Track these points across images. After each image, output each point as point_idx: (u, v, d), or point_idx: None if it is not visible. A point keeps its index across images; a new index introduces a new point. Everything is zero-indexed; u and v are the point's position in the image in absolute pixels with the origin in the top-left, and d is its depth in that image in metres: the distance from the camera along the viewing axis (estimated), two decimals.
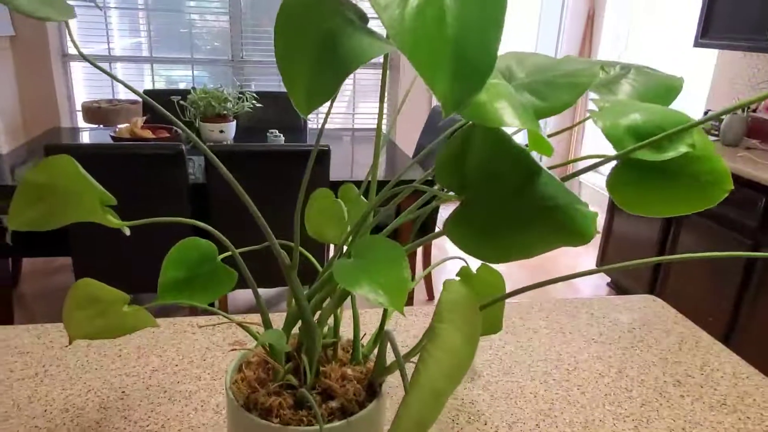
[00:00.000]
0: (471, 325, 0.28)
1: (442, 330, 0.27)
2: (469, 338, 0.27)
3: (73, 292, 0.51)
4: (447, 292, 0.29)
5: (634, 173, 0.37)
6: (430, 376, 0.26)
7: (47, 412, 0.61)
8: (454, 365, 0.26)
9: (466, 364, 0.27)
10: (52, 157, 0.42)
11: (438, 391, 0.26)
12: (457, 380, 0.26)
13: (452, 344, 0.27)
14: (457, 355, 0.27)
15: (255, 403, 0.45)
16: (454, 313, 0.28)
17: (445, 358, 0.26)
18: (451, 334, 0.27)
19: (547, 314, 0.89)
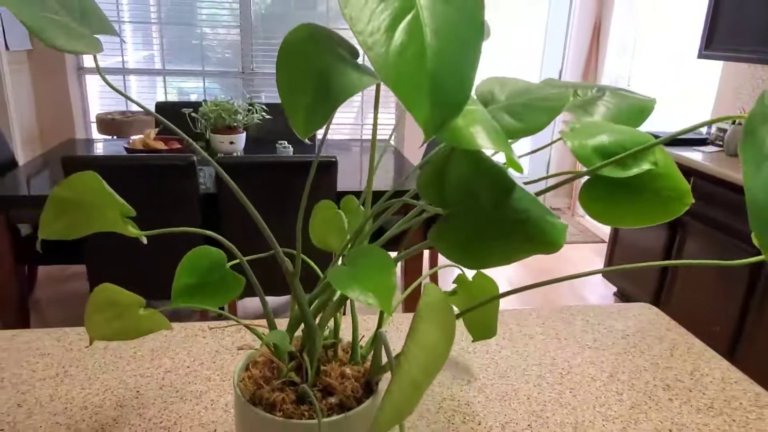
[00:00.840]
0: (446, 324, 0.32)
1: (420, 329, 0.31)
2: (444, 336, 0.31)
3: (93, 297, 0.55)
4: (425, 296, 0.32)
5: (603, 188, 0.41)
6: (409, 369, 0.29)
7: (67, 410, 0.65)
8: (430, 360, 0.30)
9: (441, 358, 0.31)
10: (78, 174, 0.46)
11: (416, 383, 0.29)
12: (434, 373, 0.30)
13: (429, 341, 0.30)
14: (433, 351, 0.30)
15: (260, 398, 0.49)
16: (431, 314, 0.31)
17: (422, 354, 0.30)
18: (429, 332, 0.31)
19: (543, 321, 0.92)
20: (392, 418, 0.29)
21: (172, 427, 0.63)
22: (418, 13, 0.33)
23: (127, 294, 0.55)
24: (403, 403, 0.29)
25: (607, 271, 0.41)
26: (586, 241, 3.89)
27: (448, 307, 0.32)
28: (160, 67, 3.62)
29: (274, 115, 2.76)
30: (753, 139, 0.28)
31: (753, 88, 2.78)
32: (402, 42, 0.32)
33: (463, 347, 0.83)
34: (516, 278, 3.29)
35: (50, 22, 0.36)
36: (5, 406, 0.66)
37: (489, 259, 0.38)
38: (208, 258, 0.58)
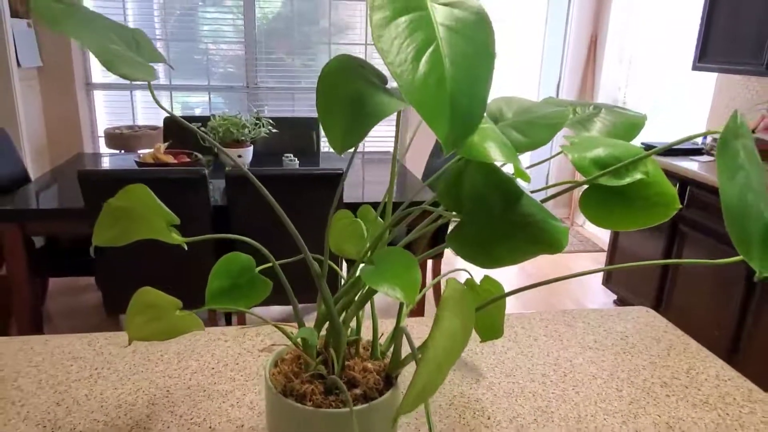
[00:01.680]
0: (466, 314, 0.36)
1: (444, 317, 0.35)
2: (464, 324, 0.36)
3: (134, 300, 0.60)
4: (449, 289, 0.37)
5: (600, 196, 0.46)
6: (435, 353, 0.34)
7: (103, 408, 0.70)
8: (452, 344, 0.35)
9: (462, 344, 0.35)
10: (130, 186, 0.51)
11: (440, 365, 0.34)
12: (455, 357, 0.35)
13: (452, 328, 0.35)
14: (455, 336, 0.35)
15: (291, 390, 0.54)
16: (453, 305, 0.36)
17: (446, 339, 0.34)
18: (451, 320, 0.35)
19: (546, 324, 0.97)
20: (420, 395, 0.34)
21: (201, 423, 0.68)
22: (438, 45, 0.39)
23: (165, 296, 0.60)
24: (429, 383, 0.34)
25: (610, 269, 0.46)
26: (586, 250, 3.94)
27: (468, 298, 0.37)
28: (166, 82, 3.69)
29: (280, 129, 2.82)
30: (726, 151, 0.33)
31: (746, 99, 2.84)
32: (426, 71, 0.37)
33: (472, 349, 0.88)
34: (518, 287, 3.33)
35: (116, 54, 0.41)
36: (45, 405, 0.70)
37: (499, 259, 0.42)
38: (238, 263, 0.63)
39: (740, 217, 0.33)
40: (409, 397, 0.34)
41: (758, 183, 0.34)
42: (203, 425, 0.67)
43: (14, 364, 0.78)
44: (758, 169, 0.35)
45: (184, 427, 0.67)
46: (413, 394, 0.34)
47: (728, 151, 0.34)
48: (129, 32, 0.49)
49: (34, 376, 0.76)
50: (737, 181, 0.33)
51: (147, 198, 0.51)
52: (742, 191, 0.33)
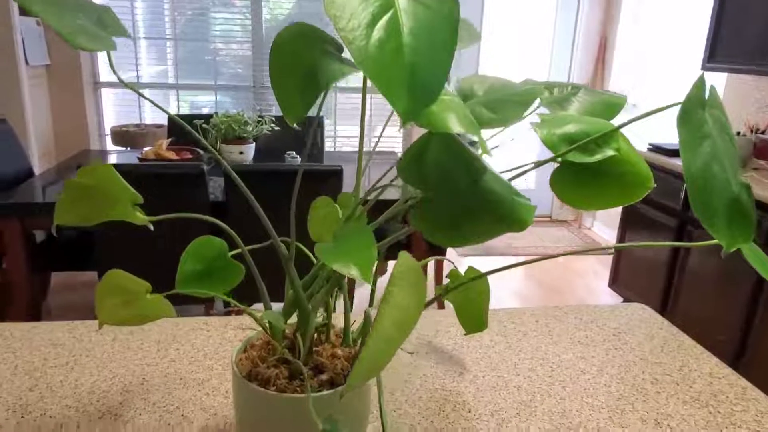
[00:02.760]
0: (417, 287, 0.35)
1: (394, 291, 0.34)
2: (415, 297, 0.34)
3: (102, 282, 0.59)
4: (398, 264, 0.35)
5: (571, 174, 0.44)
6: (384, 326, 0.32)
7: (76, 394, 0.69)
8: (403, 318, 0.33)
9: (413, 317, 0.34)
10: (94, 165, 0.50)
11: (390, 339, 0.32)
12: (406, 330, 0.33)
13: (401, 302, 0.33)
14: (405, 310, 0.33)
15: (256, 375, 0.52)
16: (403, 279, 0.34)
17: (395, 313, 0.33)
18: (400, 294, 0.34)
19: (537, 319, 0.95)
20: (368, 369, 0.32)
21: (174, 411, 0.67)
22: (396, 13, 0.37)
23: (135, 280, 0.59)
24: (378, 357, 0.32)
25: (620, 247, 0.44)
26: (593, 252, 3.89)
27: (419, 272, 0.36)
28: (173, 81, 3.71)
29: (282, 127, 2.82)
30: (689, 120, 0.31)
31: (756, 99, 2.80)
32: (380, 38, 0.36)
33: (457, 342, 0.86)
34: (525, 290, 3.30)
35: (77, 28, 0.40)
36: (18, 390, 0.69)
37: (465, 238, 0.41)
38: (211, 247, 0.62)
39: (704, 189, 0.31)
40: (356, 372, 0.33)
41: (727, 154, 0.33)
42: (176, 413, 0.66)
43: None
44: (729, 140, 0.34)
45: (156, 414, 0.66)
46: (361, 369, 0.33)
47: (691, 120, 0.32)
48: (96, 10, 0.48)
49: (11, 361, 0.75)
50: (702, 151, 0.32)
51: (111, 177, 0.50)
52: (707, 162, 0.31)
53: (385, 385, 0.74)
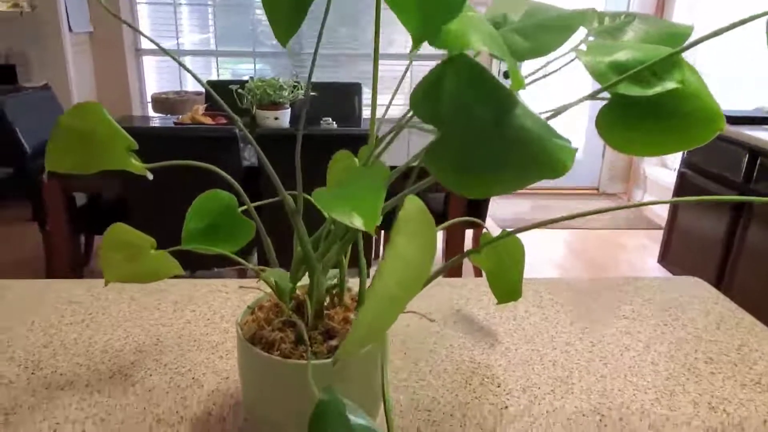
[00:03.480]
0: (425, 236, 0.29)
1: (397, 241, 0.28)
2: (422, 248, 0.28)
3: (106, 237, 0.56)
4: (404, 209, 0.30)
5: (622, 112, 0.36)
6: (385, 283, 0.27)
7: (89, 352, 0.67)
8: (408, 273, 0.27)
9: (420, 272, 0.28)
10: (83, 103, 0.46)
11: (392, 297, 0.27)
12: (412, 288, 0.27)
13: (406, 254, 0.28)
14: (411, 263, 0.28)
15: (260, 338, 0.48)
16: (409, 226, 0.29)
17: (399, 266, 0.27)
18: (406, 244, 0.28)
19: (577, 291, 0.88)
20: (367, 333, 0.27)
21: (186, 373, 0.64)
22: None
23: (139, 234, 0.56)
24: (378, 318, 0.27)
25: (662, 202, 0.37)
26: (642, 227, 3.72)
27: (427, 219, 0.30)
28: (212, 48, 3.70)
29: (320, 93, 2.77)
30: None
31: None
32: None
33: (489, 312, 0.80)
34: (566, 263, 3.19)
35: None
36: (33, 346, 0.68)
37: (488, 185, 0.34)
38: (219, 201, 0.58)
39: None
40: (353, 336, 0.28)
41: None
42: (187, 375, 0.63)
43: (12, 305, 0.77)
44: None
45: (167, 375, 0.63)
46: (358, 334, 0.27)
47: None
48: None
49: (28, 318, 0.74)
50: None
51: (102, 119, 0.46)
52: None
53: (408, 355, 0.69)
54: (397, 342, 0.72)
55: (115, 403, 0.59)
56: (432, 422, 0.57)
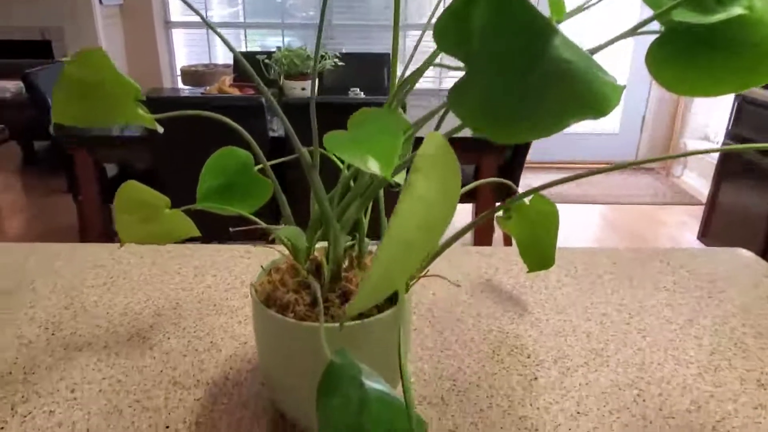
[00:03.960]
0: (446, 175, 0.25)
1: (415, 180, 0.25)
2: (444, 188, 0.25)
3: (119, 195, 0.54)
4: (424, 146, 0.26)
5: (677, 45, 0.32)
6: (400, 227, 0.24)
7: (108, 314, 0.66)
8: (426, 216, 0.24)
9: (440, 215, 0.24)
10: (87, 50, 0.43)
11: (409, 242, 0.23)
12: (432, 234, 0.24)
13: (425, 194, 0.24)
14: (429, 205, 0.24)
15: (275, 300, 0.46)
16: (428, 164, 0.25)
17: (417, 209, 0.24)
18: (424, 184, 0.25)
19: (615, 261, 0.83)
20: (380, 284, 0.24)
21: (204, 337, 0.62)
22: None
23: (153, 193, 0.53)
24: (394, 266, 0.24)
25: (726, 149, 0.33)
26: (682, 202, 3.59)
27: (450, 157, 0.26)
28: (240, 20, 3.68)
29: (348, 64, 2.72)
30: None
31: None
32: None
33: (519, 281, 0.76)
34: (603, 238, 3.10)
35: None
36: (54, 307, 0.67)
37: (522, 127, 0.31)
38: (235, 159, 0.55)
39: None
40: (366, 285, 0.25)
41: None
42: (205, 339, 0.62)
43: (37, 268, 0.77)
44: None
45: (185, 339, 0.62)
46: (371, 284, 0.24)
47: None
48: None
49: (51, 280, 0.74)
50: None
51: (107, 67, 0.44)
52: None
53: (434, 323, 0.66)
54: (423, 310, 0.69)
55: (133, 365, 0.58)
56: (457, 391, 0.55)
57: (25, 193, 3.44)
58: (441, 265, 0.80)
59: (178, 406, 0.52)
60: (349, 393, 0.30)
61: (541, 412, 0.52)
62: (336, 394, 0.30)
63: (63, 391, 0.54)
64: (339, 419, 0.29)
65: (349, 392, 0.30)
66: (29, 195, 3.40)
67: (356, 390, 0.31)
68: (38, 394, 0.53)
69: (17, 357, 0.59)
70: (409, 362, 0.59)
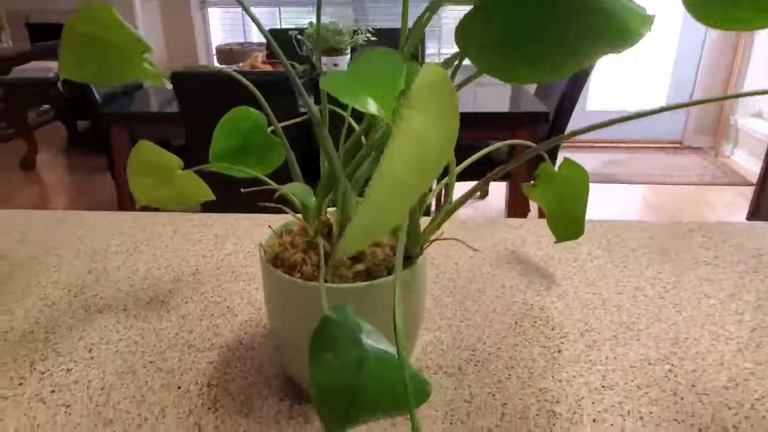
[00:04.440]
0: (444, 109, 0.23)
1: (409, 114, 0.22)
2: (440, 122, 0.22)
3: (133, 156, 0.53)
4: (421, 75, 0.24)
5: None
6: (392, 165, 0.21)
7: (129, 279, 0.67)
8: (420, 152, 0.22)
9: (436, 152, 0.22)
10: (92, 6, 0.42)
11: (399, 181, 0.21)
12: (426, 171, 0.22)
13: (418, 128, 0.22)
14: (423, 140, 0.22)
15: (282, 260, 0.44)
16: (424, 96, 0.23)
17: (409, 145, 0.22)
18: (419, 117, 0.22)
19: (652, 234, 0.78)
20: (367, 227, 0.22)
21: (221, 302, 0.62)
22: None
23: (165, 153, 0.53)
24: (384, 208, 0.21)
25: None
26: (732, 182, 3.42)
27: (448, 89, 0.24)
28: None
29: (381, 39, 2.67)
30: None
31: None
32: None
33: (547, 253, 0.73)
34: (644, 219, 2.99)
35: None
36: (78, 272, 0.68)
37: (533, 64, 0.28)
38: (248, 119, 0.54)
39: None
40: (354, 227, 0.23)
41: None
42: (222, 304, 0.62)
43: (64, 234, 0.78)
44: None
45: (202, 304, 0.62)
46: (362, 222, 0.22)
47: None
48: None
49: (77, 246, 0.75)
50: None
51: (113, 21, 0.42)
52: None
53: (454, 293, 0.64)
54: (444, 279, 0.66)
55: (150, 327, 0.58)
56: (475, 362, 0.53)
57: (69, 171, 3.56)
58: (464, 235, 0.78)
59: (191, 367, 0.52)
60: (347, 351, 0.28)
61: (563, 385, 0.50)
62: (331, 352, 0.28)
63: (81, 351, 0.54)
64: (333, 379, 0.27)
65: (347, 350, 0.29)
66: (73, 173, 3.52)
67: (354, 348, 0.29)
68: (57, 353, 0.54)
69: (39, 317, 0.59)
70: (427, 331, 0.57)
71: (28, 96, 3.29)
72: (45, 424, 0.46)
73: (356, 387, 0.28)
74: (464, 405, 0.48)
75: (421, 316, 0.48)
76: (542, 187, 0.64)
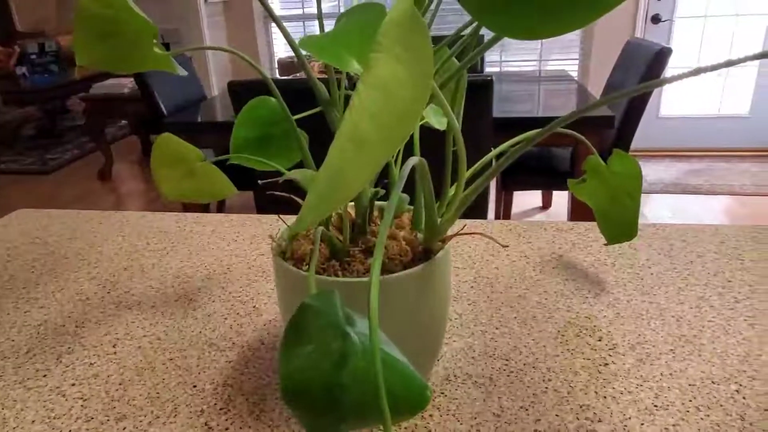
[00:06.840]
0: (413, 50, 0.19)
1: (375, 60, 0.19)
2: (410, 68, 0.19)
3: (155, 150, 0.53)
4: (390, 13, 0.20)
5: None
6: (354, 120, 0.18)
7: (162, 276, 0.66)
8: (387, 104, 0.18)
9: (405, 103, 0.18)
10: None
11: (362, 138, 0.18)
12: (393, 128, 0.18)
13: (385, 76, 0.18)
14: (390, 89, 0.18)
15: (292, 252, 0.42)
16: (391, 37, 0.19)
17: (376, 97, 0.18)
18: (386, 63, 0.19)
19: (723, 239, 0.70)
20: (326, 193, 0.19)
21: (248, 302, 0.60)
22: None
23: (186, 145, 0.52)
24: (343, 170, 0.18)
25: None
26: None
27: (419, 27, 0.20)
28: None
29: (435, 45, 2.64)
30: None
31: None
32: None
33: (599, 259, 0.66)
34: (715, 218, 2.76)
35: None
36: (115, 268, 0.69)
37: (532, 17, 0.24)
38: (268, 108, 0.52)
39: None
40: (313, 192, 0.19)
41: None
42: (248, 304, 0.60)
43: (107, 232, 0.79)
44: None
45: (229, 303, 0.60)
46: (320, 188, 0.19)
47: None
48: None
49: (118, 243, 0.76)
50: None
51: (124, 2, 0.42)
52: None
53: (492, 298, 0.59)
54: (482, 284, 0.62)
55: (174, 324, 0.57)
56: (509, 372, 0.48)
57: (144, 180, 3.75)
58: (508, 238, 0.72)
59: (209, 366, 0.50)
60: (327, 343, 0.25)
61: (608, 402, 0.44)
62: (310, 344, 0.25)
63: (105, 345, 0.54)
64: (309, 374, 0.24)
65: (327, 342, 0.25)
66: (147, 182, 3.70)
67: (337, 340, 0.25)
68: (83, 346, 0.54)
69: (73, 311, 0.60)
70: (458, 337, 0.53)
71: (107, 111, 3.50)
72: (61, 416, 0.45)
73: (338, 385, 0.24)
74: (493, 419, 0.43)
75: (443, 317, 0.44)
76: (590, 183, 0.59)
